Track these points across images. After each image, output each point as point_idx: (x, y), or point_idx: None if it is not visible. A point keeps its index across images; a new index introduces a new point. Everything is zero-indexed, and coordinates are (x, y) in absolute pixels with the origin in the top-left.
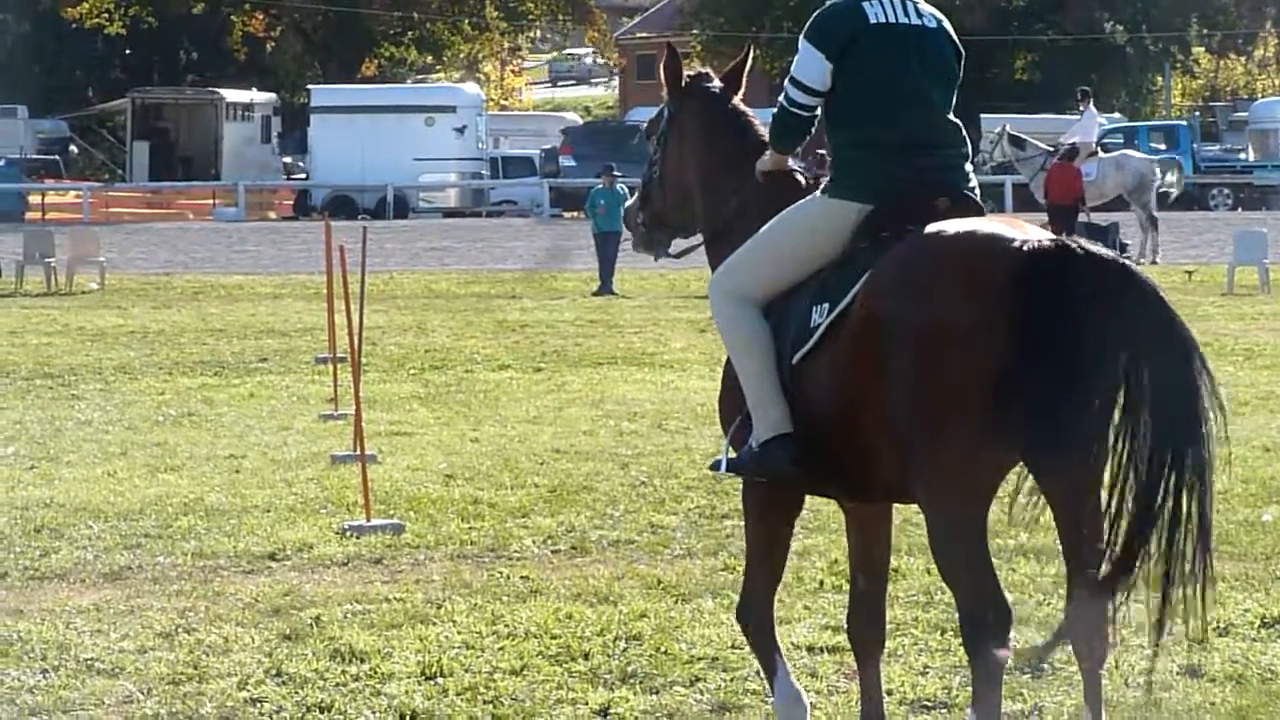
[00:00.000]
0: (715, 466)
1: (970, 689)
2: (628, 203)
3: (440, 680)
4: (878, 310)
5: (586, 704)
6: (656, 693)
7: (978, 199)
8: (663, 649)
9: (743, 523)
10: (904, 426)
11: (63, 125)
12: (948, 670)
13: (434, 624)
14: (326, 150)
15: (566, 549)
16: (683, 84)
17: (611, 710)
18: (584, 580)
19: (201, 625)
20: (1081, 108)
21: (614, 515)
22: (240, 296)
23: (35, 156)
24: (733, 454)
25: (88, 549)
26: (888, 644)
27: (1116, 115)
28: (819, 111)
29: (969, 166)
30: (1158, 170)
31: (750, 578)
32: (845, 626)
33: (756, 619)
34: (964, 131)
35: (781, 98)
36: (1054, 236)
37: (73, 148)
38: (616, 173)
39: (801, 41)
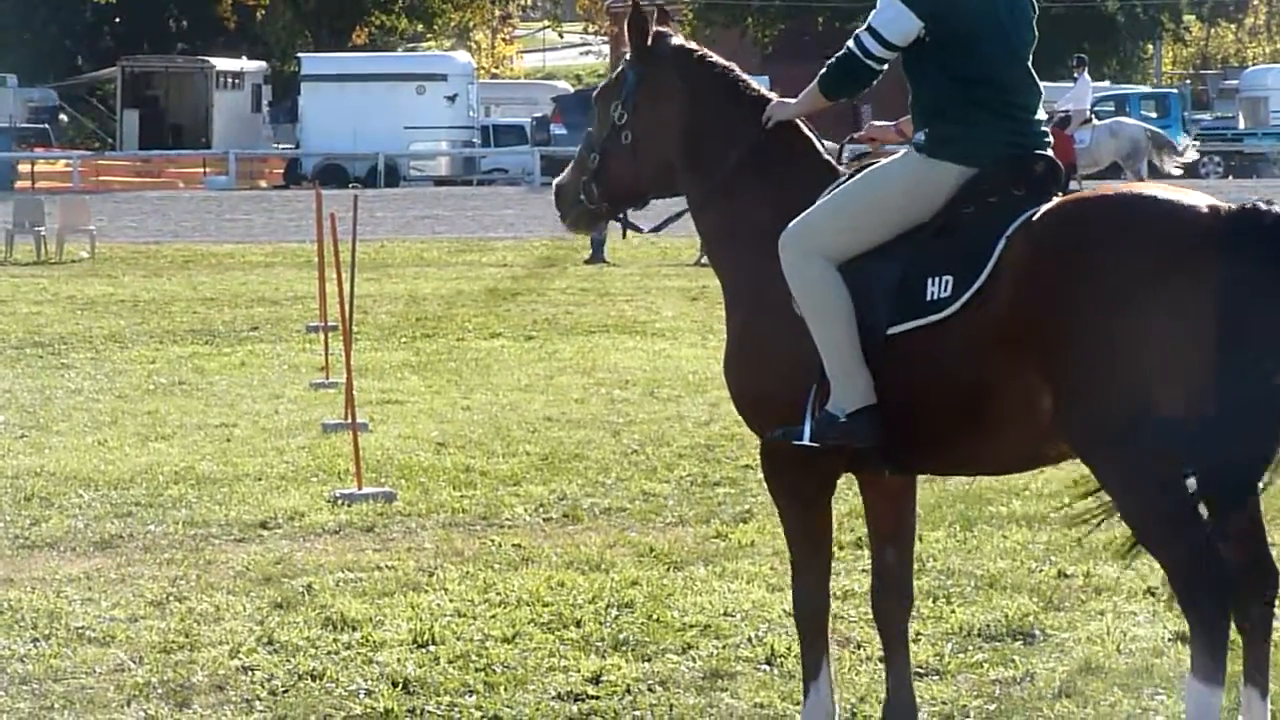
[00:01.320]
0: (786, 436)
1: (1190, 647)
2: (560, 178)
3: (432, 648)
4: (1053, 273)
5: (578, 671)
6: (648, 660)
7: (1057, 163)
8: (655, 616)
9: (780, 515)
10: (1093, 395)
11: (52, 94)
12: (940, 637)
13: (426, 592)
14: (317, 119)
15: (558, 517)
16: (650, 43)
17: (603, 678)
18: (576, 548)
19: (193, 593)
20: (1076, 75)
21: (606, 483)
22: (231, 265)
23: (25, 125)
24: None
25: (78, 517)
26: None
27: (1106, 83)
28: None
29: (1045, 127)
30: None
31: (802, 572)
32: (870, 601)
33: (812, 611)
34: (1041, 96)
35: (853, 44)
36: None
37: (62, 116)
38: None
39: None
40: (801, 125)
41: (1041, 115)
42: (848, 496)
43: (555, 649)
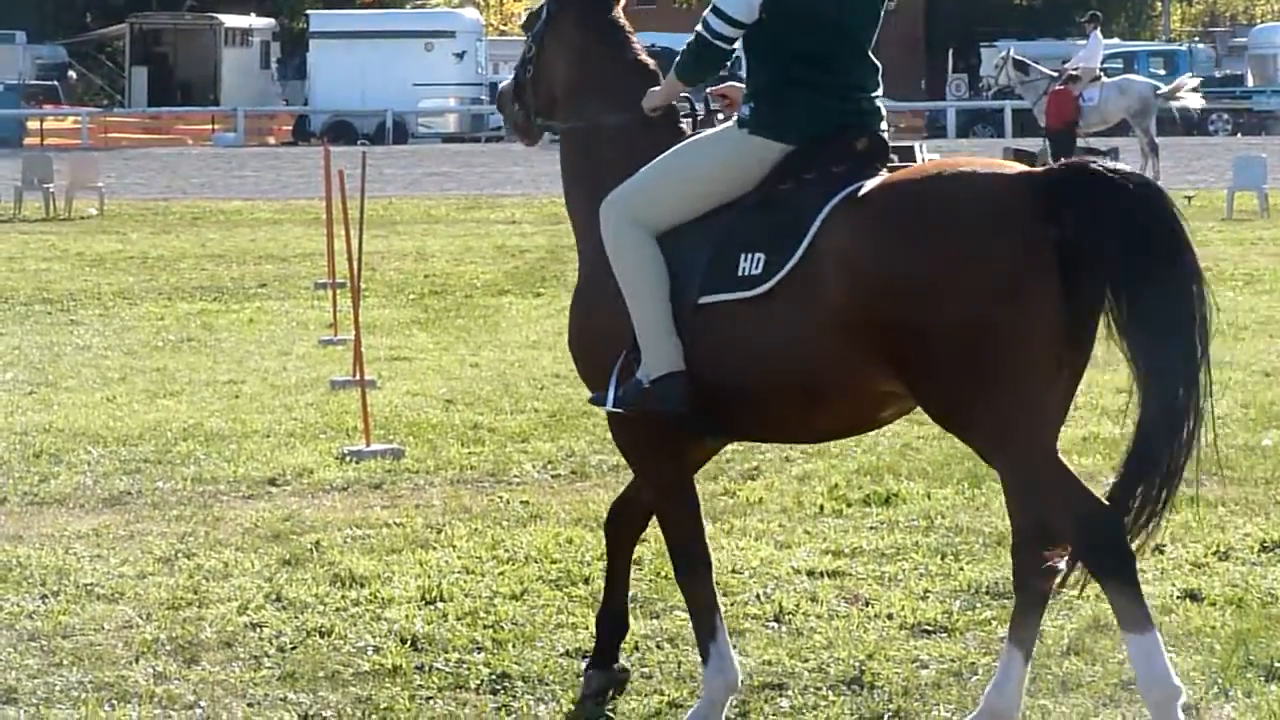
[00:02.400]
0: (597, 401)
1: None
2: (502, 85)
3: (440, 605)
4: (884, 261)
5: (586, 628)
6: (656, 617)
7: (888, 140)
8: (662, 573)
9: (635, 474)
10: (957, 375)
11: (61, 51)
12: (948, 594)
13: (434, 549)
14: (326, 75)
15: (566, 474)
16: None
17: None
18: (584, 505)
19: (201, 550)
20: (1088, 32)
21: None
22: (239, 222)
23: (34, 82)
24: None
25: (87, 474)
26: (888, 568)
27: (1115, 40)
28: (739, 45)
29: (883, 109)
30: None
31: (672, 527)
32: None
33: (692, 569)
34: (880, 72)
35: (700, 27)
36: (1058, 162)
37: (71, 73)
38: None
39: None
40: (682, 108)
41: (878, 93)
42: (855, 453)
43: (563, 606)
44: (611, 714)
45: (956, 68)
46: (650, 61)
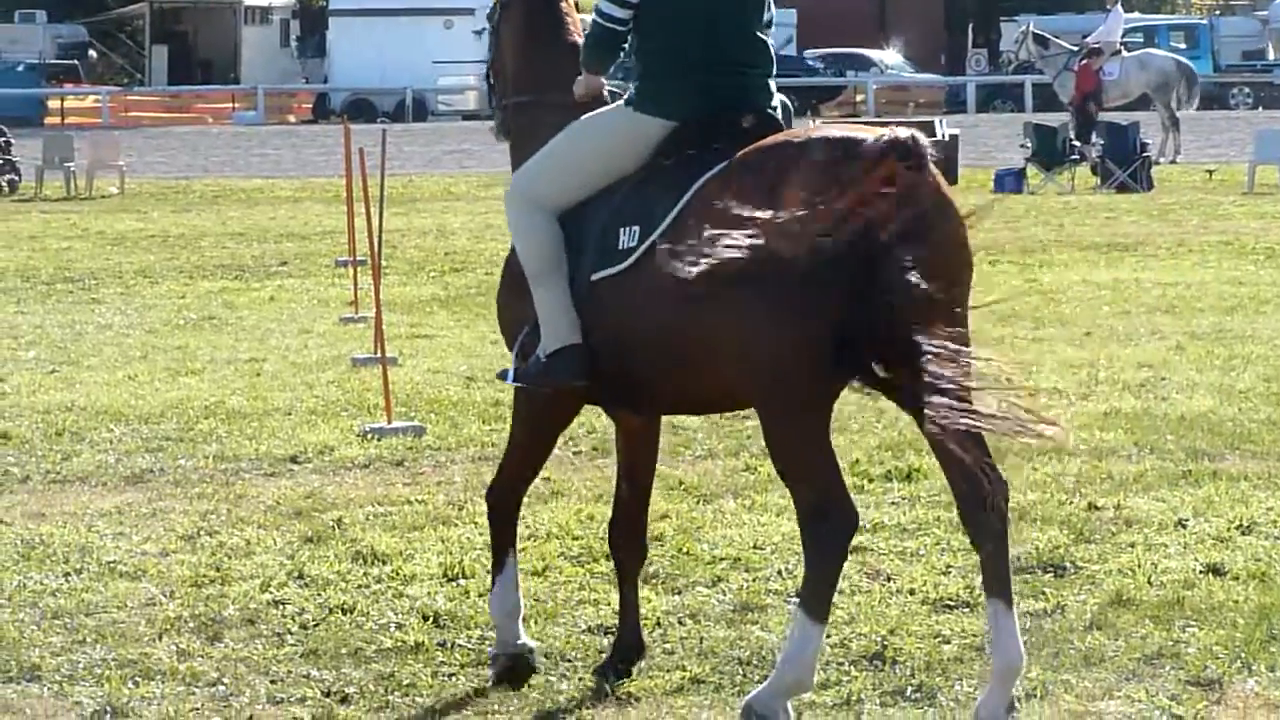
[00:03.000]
0: (502, 376)
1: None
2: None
3: (462, 582)
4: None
5: (608, 605)
6: (679, 593)
7: (779, 118)
8: (684, 550)
9: (511, 418)
10: (752, 341)
11: (81, 30)
12: (969, 569)
13: (455, 525)
14: (345, 53)
15: (588, 450)
16: None
17: None
18: (605, 481)
19: (223, 528)
20: (1109, 7)
21: None
22: (260, 200)
23: (54, 61)
24: (514, 364)
25: (109, 452)
26: (909, 543)
27: (1135, 14)
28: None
29: (773, 85)
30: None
31: (507, 468)
32: (606, 536)
33: (502, 508)
34: (771, 51)
35: (594, 15)
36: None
37: (91, 52)
38: None
39: None
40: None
41: (767, 71)
42: (877, 429)
43: (585, 582)
44: (634, 690)
45: (976, 43)
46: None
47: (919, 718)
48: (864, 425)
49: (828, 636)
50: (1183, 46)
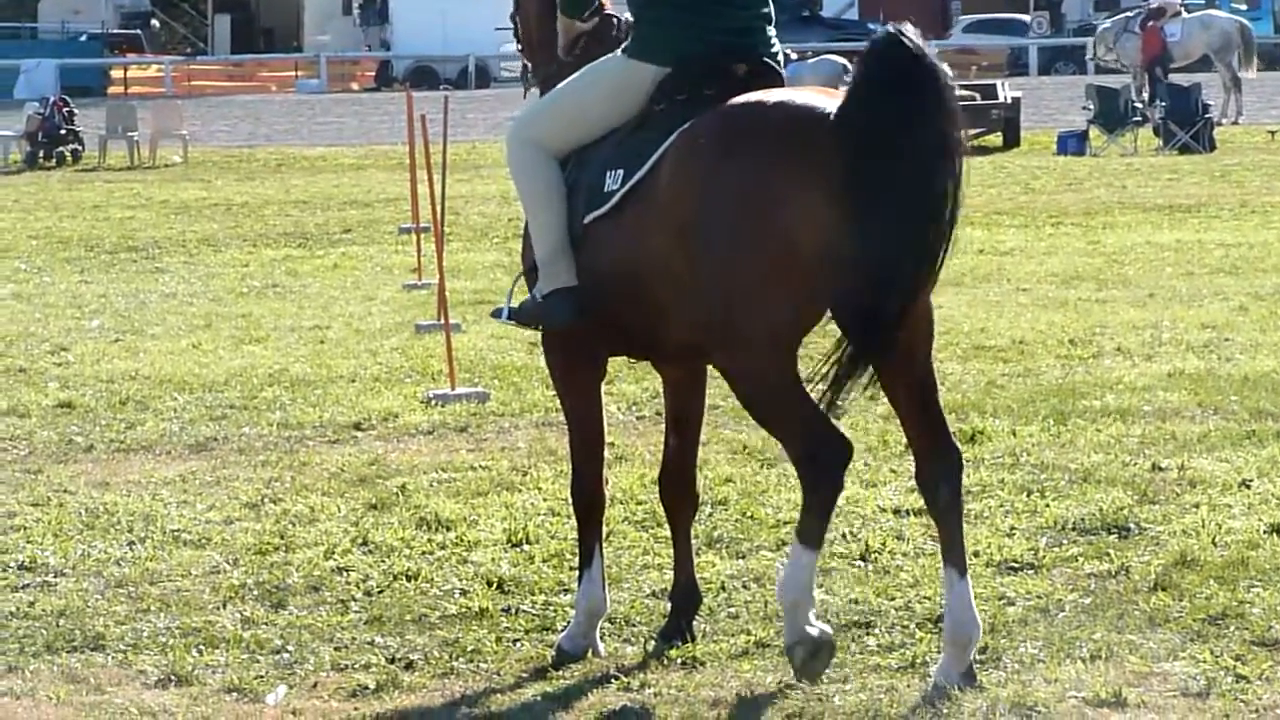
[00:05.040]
0: (497, 314)
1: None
2: None
3: (526, 547)
4: (693, 174)
5: (672, 569)
6: (743, 557)
7: (778, 64)
8: (748, 514)
9: (557, 395)
10: (714, 290)
11: (144, 0)
12: (1034, 531)
13: (519, 491)
14: (408, 20)
15: (651, 415)
16: None
17: (698, 575)
18: None
19: (288, 495)
20: None
21: None
22: (323, 168)
23: (117, 31)
24: (515, 304)
25: (173, 421)
26: (974, 506)
27: None
28: None
29: (771, 29)
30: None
31: (574, 451)
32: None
33: (586, 500)
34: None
35: None
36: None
37: (154, 22)
38: None
39: None
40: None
41: (763, 16)
42: (940, 392)
43: (649, 547)
44: (699, 654)
45: (1038, 5)
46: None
47: (984, 680)
48: None
49: (891, 599)
50: (1243, 8)
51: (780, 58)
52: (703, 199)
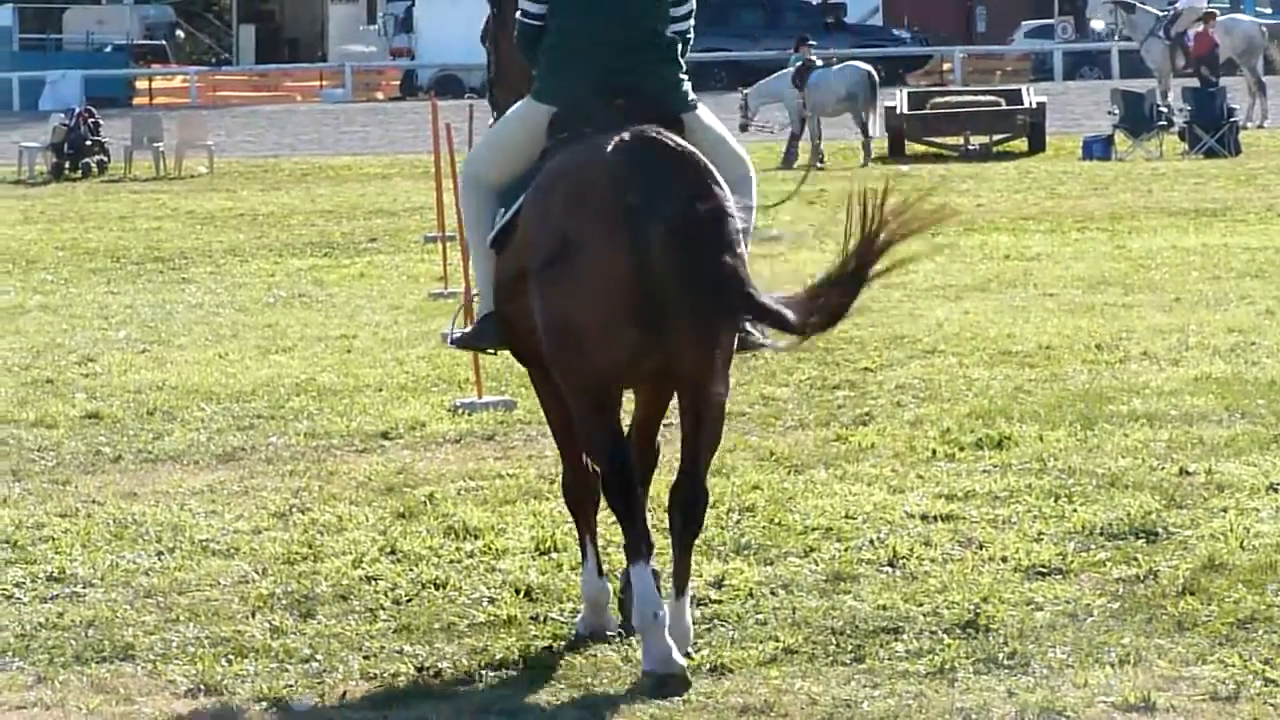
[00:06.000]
0: (444, 338)
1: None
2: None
3: (554, 555)
4: (527, 219)
5: (701, 575)
6: (770, 564)
7: (668, 100)
8: (776, 520)
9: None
10: (543, 327)
11: (168, 10)
12: (1062, 536)
13: (547, 499)
14: (432, 30)
15: (678, 423)
16: None
17: (726, 581)
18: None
19: (315, 505)
20: None
21: None
22: (348, 177)
23: (141, 42)
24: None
25: (201, 431)
26: (1001, 511)
27: None
28: None
29: (666, 68)
30: (1266, 35)
31: (561, 455)
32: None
33: (573, 498)
34: (667, 33)
35: (517, 12)
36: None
37: (179, 32)
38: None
39: None
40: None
41: (658, 58)
42: (967, 397)
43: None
44: (728, 660)
45: (1062, 10)
46: None
47: (1012, 685)
48: (954, 394)
49: (919, 605)
50: (1268, 11)
51: (677, 93)
52: (532, 242)
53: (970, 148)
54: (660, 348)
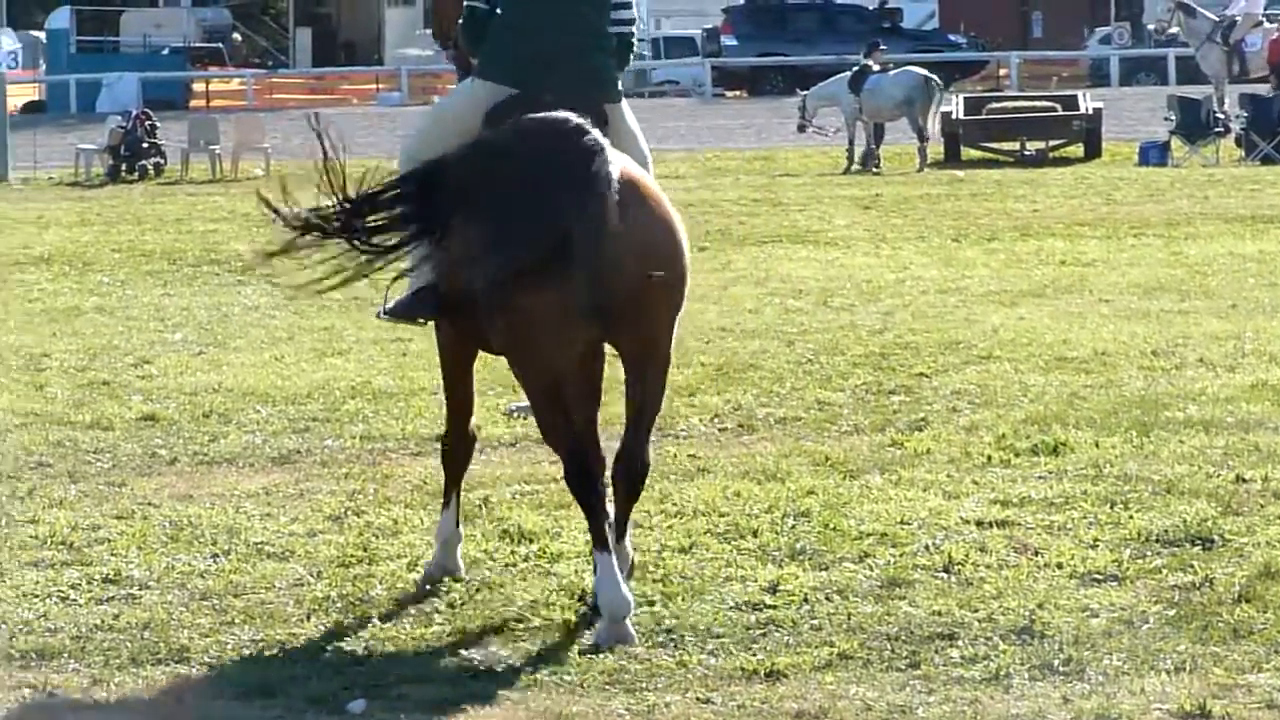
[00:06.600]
0: (378, 314)
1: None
2: None
3: None
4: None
5: (755, 581)
6: (825, 569)
7: (596, 88)
8: (831, 525)
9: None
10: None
11: (225, 13)
12: (1118, 543)
13: None
14: None
15: (733, 427)
16: None
17: (780, 587)
18: (751, 458)
19: (370, 508)
20: None
21: (780, 393)
22: None
23: (198, 45)
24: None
25: (256, 433)
26: (1056, 517)
27: None
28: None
29: (598, 57)
30: None
31: (446, 408)
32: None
33: (446, 444)
34: (606, 28)
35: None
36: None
37: (235, 35)
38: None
39: None
40: None
41: (592, 41)
42: (1022, 403)
43: (731, 559)
44: (782, 665)
45: (1119, 15)
46: None
47: (1068, 692)
48: (1010, 400)
49: (974, 611)
50: None
51: (608, 84)
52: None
53: (1026, 153)
54: (604, 328)
